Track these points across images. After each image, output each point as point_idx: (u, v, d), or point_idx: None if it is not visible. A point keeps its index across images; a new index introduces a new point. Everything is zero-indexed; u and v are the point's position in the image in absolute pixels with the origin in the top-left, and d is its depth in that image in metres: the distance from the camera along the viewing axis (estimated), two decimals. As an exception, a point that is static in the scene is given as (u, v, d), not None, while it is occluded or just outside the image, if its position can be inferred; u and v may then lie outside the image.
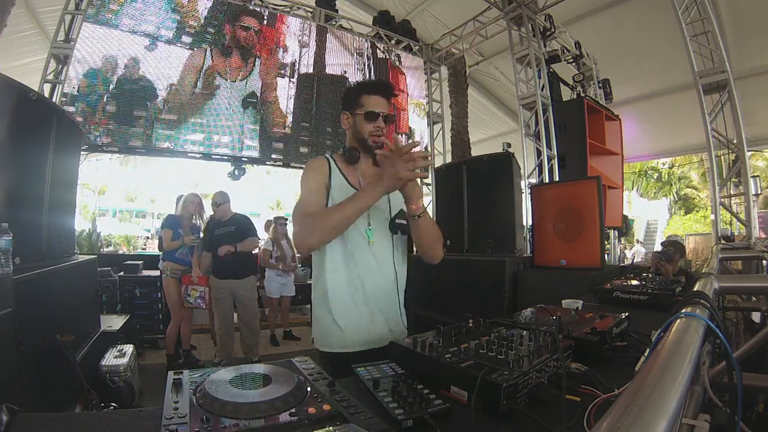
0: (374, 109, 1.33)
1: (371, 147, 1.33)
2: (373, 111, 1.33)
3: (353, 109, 1.36)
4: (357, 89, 1.39)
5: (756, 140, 6.69)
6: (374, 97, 1.35)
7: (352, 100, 1.37)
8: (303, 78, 6.00)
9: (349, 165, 1.38)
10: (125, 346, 2.74)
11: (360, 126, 1.35)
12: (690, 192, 17.13)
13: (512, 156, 3.69)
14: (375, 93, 1.36)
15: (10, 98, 1.74)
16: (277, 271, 4.89)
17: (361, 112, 1.34)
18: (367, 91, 1.36)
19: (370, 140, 1.34)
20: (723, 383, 0.73)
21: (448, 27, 7.00)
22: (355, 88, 1.40)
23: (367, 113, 1.34)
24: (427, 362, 0.82)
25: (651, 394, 0.36)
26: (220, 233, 3.63)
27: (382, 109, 1.35)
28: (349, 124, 1.39)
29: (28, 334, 1.52)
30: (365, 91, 1.36)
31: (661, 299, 1.51)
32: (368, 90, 1.37)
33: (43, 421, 0.68)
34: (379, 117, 1.34)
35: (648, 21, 5.85)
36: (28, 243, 1.79)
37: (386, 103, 1.37)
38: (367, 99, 1.35)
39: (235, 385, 0.67)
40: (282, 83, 5.83)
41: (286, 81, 5.89)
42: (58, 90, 4.32)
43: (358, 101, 1.36)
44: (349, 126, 1.39)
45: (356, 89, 1.39)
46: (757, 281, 1.13)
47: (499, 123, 9.35)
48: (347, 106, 1.38)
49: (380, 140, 1.32)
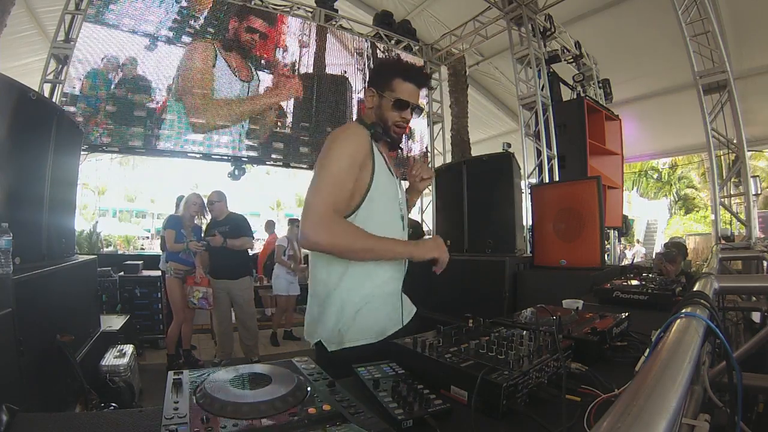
0: (406, 98, 1.22)
1: (394, 138, 1.25)
2: (403, 100, 1.21)
3: (382, 89, 1.23)
4: (391, 69, 1.24)
5: (756, 140, 6.69)
6: (408, 84, 1.22)
7: (383, 80, 1.23)
8: (303, 78, 6.00)
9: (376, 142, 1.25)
10: (125, 346, 2.73)
11: (385, 111, 1.23)
12: (690, 192, 17.13)
13: (512, 156, 3.69)
14: (411, 81, 1.23)
15: (10, 98, 1.74)
16: (287, 269, 4.93)
17: (390, 97, 1.21)
18: (403, 76, 1.22)
19: (392, 130, 1.24)
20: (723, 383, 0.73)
21: (448, 27, 7.00)
22: (389, 67, 1.25)
23: (396, 101, 1.21)
24: (427, 362, 0.82)
25: (651, 394, 0.36)
26: (215, 232, 3.64)
27: (414, 99, 1.23)
28: (373, 104, 1.25)
29: (28, 334, 1.51)
30: (401, 76, 1.22)
31: (661, 299, 1.51)
32: (405, 75, 1.22)
33: (43, 421, 0.68)
34: (408, 108, 1.22)
35: (648, 21, 5.85)
36: (28, 243, 1.79)
37: (418, 93, 1.26)
38: (400, 85, 1.21)
39: (235, 385, 0.67)
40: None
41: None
42: (58, 90, 4.32)
43: (389, 83, 1.22)
44: (372, 105, 1.25)
45: (390, 69, 1.24)
46: (757, 281, 1.13)
47: (499, 123, 9.35)
48: (376, 83, 1.24)
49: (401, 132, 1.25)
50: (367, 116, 1.27)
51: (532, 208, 3.54)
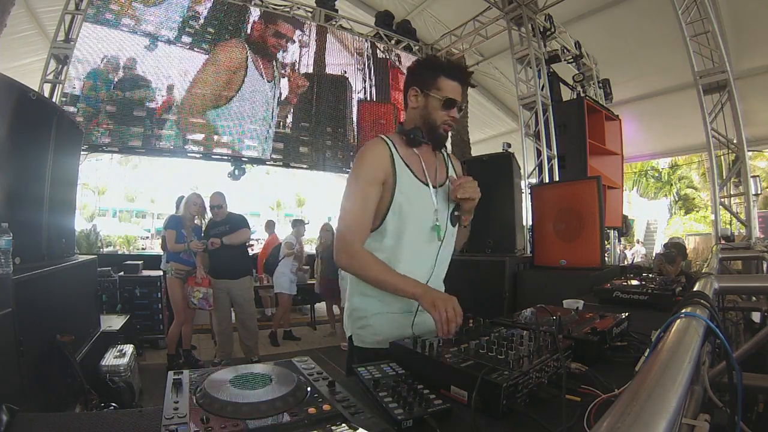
0: (454, 97, 1.21)
1: (441, 135, 1.24)
2: (452, 99, 1.20)
3: (428, 89, 1.21)
4: (436, 68, 1.22)
5: (756, 140, 6.68)
6: (454, 82, 1.21)
7: (428, 79, 1.22)
8: (303, 78, 6.02)
9: (409, 147, 1.24)
10: (125, 346, 2.73)
11: (433, 111, 1.22)
12: (690, 192, 17.13)
13: (512, 156, 3.69)
14: (455, 78, 1.21)
15: (10, 98, 1.74)
16: (291, 268, 4.94)
17: (439, 96, 1.20)
18: (447, 74, 1.21)
19: (441, 128, 1.23)
20: (723, 383, 0.73)
21: (448, 27, 7.00)
22: (433, 66, 1.24)
23: (446, 100, 1.20)
24: (427, 362, 0.83)
25: (651, 394, 0.36)
26: (215, 233, 3.64)
27: (458, 97, 1.22)
28: (419, 104, 1.24)
29: (28, 334, 1.51)
30: (446, 74, 1.21)
31: (661, 299, 1.51)
32: (449, 73, 1.21)
33: (43, 421, 0.68)
34: (455, 106, 1.22)
35: (648, 21, 5.85)
36: (28, 243, 1.78)
37: (461, 90, 1.24)
38: (445, 83, 1.20)
39: (235, 385, 0.67)
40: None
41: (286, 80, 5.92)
42: (58, 90, 4.32)
43: (435, 82, 1.20)
44: (418, 105, 1.24)
45: (435, 68, 1.23)
46: (757, 281, 1.13)
47: (499, 123, 9.34)
48: (420, 83, 1.23)
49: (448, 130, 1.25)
50: (410, 118, 1.27)
51: (532, 208, 3.54)
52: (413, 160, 1.24)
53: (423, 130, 1.23)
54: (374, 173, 1.17)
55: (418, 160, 1.24)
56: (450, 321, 0.96)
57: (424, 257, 1.23)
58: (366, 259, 1.14)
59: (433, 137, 1.23)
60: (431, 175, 1.25)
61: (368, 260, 1.14)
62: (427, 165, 1.25)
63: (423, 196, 1.22)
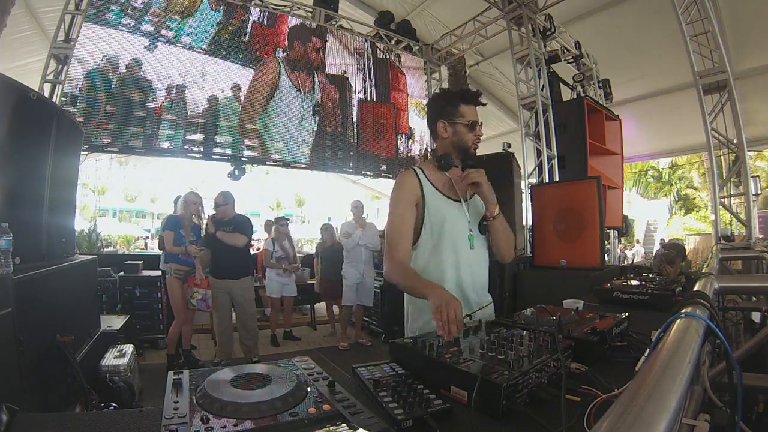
0: (475, 119, 1.41)
1: (473, 155, 1.42)
2: (474, 121, 1.40)
3: (453, 118, 1.40)
4: (455, 98, 1.42)
5: (756, 140, 6.68)
6: (470, 106, 1.41)
7: (451, 110, 1.41)
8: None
9: (440, 171, 1.42)
10: (125, 346, 2.73)
11: (463, 135, 1.40)
12: (690, 192, 17.13)
13: (512, 156, 3.69)
14: (471, 102, 1.41)
15: (10, 98, 1.74)
16: (278, 271, 4.89)
17: (464, 122, 1.39)
18: (465, 101, 1.41)
19: (472, 148, 1.41)
20: (723, 383, 0.73)
21: (448, 27, 7.00)
22: (452, 97, 1.43)
23: (471, 123, 1.40)
24: (427, 362, 0.83)
25: (651, 394, 0.36)
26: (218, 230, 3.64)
27: (479, 118, 1.43)
28: (449, 133, 1.42)
29: (28, 334, 1.51)
30: (464, 101, 1.41)
31: (661, 299, 1.51)
32: (466, 100, 1.41)
33: (43, 421, 0.68)
34: (478, 126, 1.42)
35: (648, 21, 5.85)
36: (28, 243, 1.79)
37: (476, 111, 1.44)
38: (465, 109, 1.40)
39: (235, 385, 0.67)
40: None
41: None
42: (58, 90, 4.32)
43: (457, 111, 1.40)
44: (448, 135, 1.42)
45: (454, 98, 1.42)
46: (757, 281, 1.13)
47: (499, 123, 9.34)
48: (445, 115, 1.41)
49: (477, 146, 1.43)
50: (441, 146, 1.45)
51: (532, 208, 3.54)
52: (444, 181, 1.44)
53: (456, 153, 1.41)
54: (406, 197, 1.38)
55: (449, 181, 1.44)
56: (450, 323, 0.96)
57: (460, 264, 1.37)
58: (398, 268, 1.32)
59: (466, 157, 1.41)
60: (461, 191, 1.43)
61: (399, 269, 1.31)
62: (457, 183, 1.43)
63: (452, 209, 1.41)
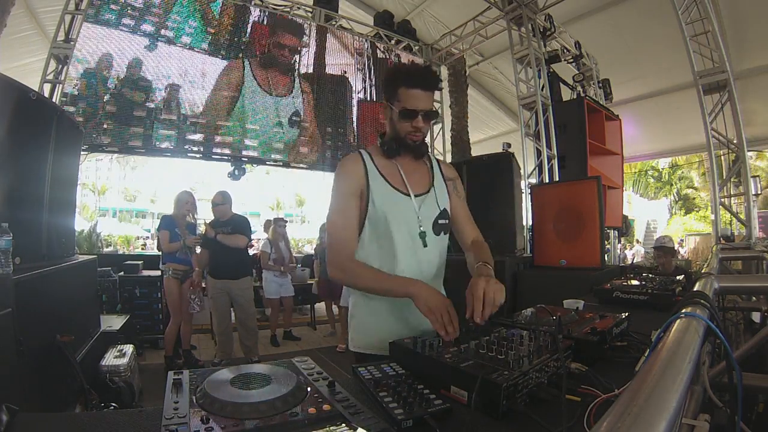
0: (412, 107, 1.16)
1: (410, 146, 1.22)
2: (409, 109, 1.16)
3: (391, 101, 1.20)
4: (395, 79, 1.19)
5: (756, 140, 6.68)
6: (414, 90, 1.16)
7: (390, 91, 1.20)
8: (303, 78, 6.01)
9: (388, 158, 1.25)
10: (125, 346, 2.73)
11: (397, 122, 1.20)
12: (690, 192, 17.14)
13: (512, 156, 3.69)
14: (415, 86, 1.15)
15: (10, 98, 1.74)
16: (275, 272, 4.89)
17: (398, 108, 1.18)
18: (407, 84, 1.16)
19: (407, 139, 1.21)
20: (723, 383, 0.73)
21: (448, 27, 7.00)
22: (393, 77, 1.20)
23: (404, 111, 1.17)
24: (427, 362, 0.83)
25: (651, 394, 0.36)
26: (216, 232, 3.63)
27: (423, 105, 1.16)
28: (387, 116, 1.25)
29: (28, 334, 1.51)
30: (405, 83, 1.16)
31: (661, 299, 1.51)
32: (407, 82, 1.16)
33: (43, 421, 0.68)
34: (418, 116, 1.17)
35: (648, 21, 5.85)
36: (28, 243, 1.78)
37: (428, 97, 1.18)
38: (405, 93, 1.16)
39: (235, 385, 0.67)
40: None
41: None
42: (58, 90, 4.32)
43: (396, 93, 1.18)
44: (386, 118, 1.25)
45: (395, 78, 1.19)
46: (757, 281, 1.13)
47: (499, 123, 9.35)
48: (387, 95, 1.22)
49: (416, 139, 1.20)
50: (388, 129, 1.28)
51: (532, 208, 3.54)
52: (391, 170, 1.25)
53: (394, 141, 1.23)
54: (349, 187, 1.20)
55: (397, 171, 1.25)
56: (447, 324, 0.95)
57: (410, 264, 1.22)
58: (356, 269, 1.16)
59: (403, 148, 1.23)
60: (412, 183, 1.24)
61: (358, 270, 1.16)
62: (408, 174, 1.25)
63: (402, 205, 1.22)
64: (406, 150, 1.24)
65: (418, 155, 1.28)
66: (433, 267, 1.28)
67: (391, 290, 1.11)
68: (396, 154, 1.24)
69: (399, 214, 1.22)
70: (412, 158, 1.27)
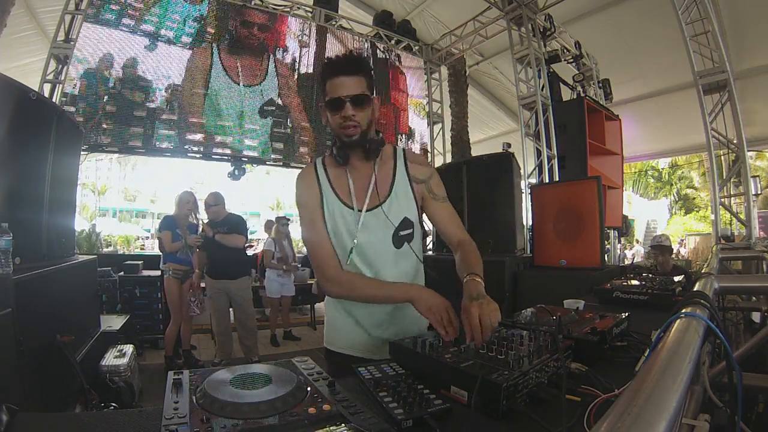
0: (337, 95, 1.05)
1: (346, 142, 1.10)
2: (334, 98, 1.06)
3: (323, 98, 1.11)
4: (322, 76, 1.10)
5: (756, 140, 6.68)
6: (336, 79, 1.06)
7: (322, 88, 1.10)
8: (303, 78, 6.00)
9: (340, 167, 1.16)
10: (125, 346, 2.73)
11: (330, 120, 1.10)
12: (690, 192, 17.14)
13: (512, 156, 3.69)
14: (336, 74, 1.06)
15: (10, 98, 1.74)
16: (278, 271, 4.89)
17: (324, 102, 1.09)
18: (328, 75, 1.07)
19: (342, 135, 1.09)
20: (723, 383, 0.73)
21: (448, 27, 7.00)
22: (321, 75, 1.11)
23: (329, 102, 1.07)
24: (427, 362, 0.83)
25: (651, 394, 0.36)
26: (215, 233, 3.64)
27: (348, 90, 1.05)
28: (325, 120, 1.14)
29: (28, 334, 1.51)
30: (326, 76, 1.08)
31: (661, 299, 1.51)
32: (328, 73, 1.07)
33: (43, 421, 0.68)
34: (345, 104, 1.05)
35: (648, 21, 5.85)
36: (28, 243, 1.78)
37: (356, 81, 1.06)
38: (330, 84, 1.07)
39: (235, 385, 0.67)
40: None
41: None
42: (58, 90, 4.32)
43: (324, 89, 1.09)
44: (326, 121, 1.13)
45: (321, 76, 1.10)
46: (757, 281, 1.13)
47: (499, 123, 9.35)
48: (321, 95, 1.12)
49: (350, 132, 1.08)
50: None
51: (532, 208, 3.54)
52: (341, 181, 1.16)
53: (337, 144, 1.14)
54: (307, 200, 1.16)
55: (346, 181, 1.15)
56: (448, 324, 0.95)
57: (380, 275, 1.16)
58: (352, 281, 1.13)
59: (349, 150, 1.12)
60: (361, 194, 1.15)
61: (355, 281, 1.13)
62: (357, 183, 1.15)
63: (346, 219, 1.15)
64: (351, 151, 1.13)
65: (368, 155, 1.13)
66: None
67: (393, 296, 1.09)
68: (345, 160, 1.13)
69: (344, 229, 1.15)
70: (364, 161, 1.15)
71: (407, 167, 1.20)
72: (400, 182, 1.18)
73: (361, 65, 1.09)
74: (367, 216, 1.14)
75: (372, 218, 1.14)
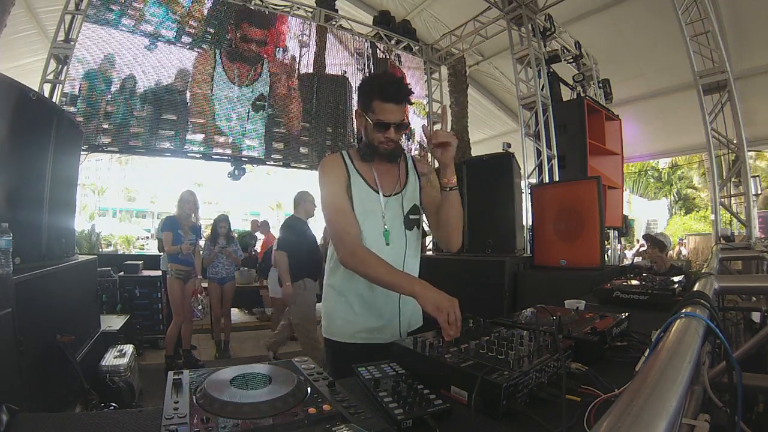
0: (386, 119, 1.24)
1: (382, 154, 1.30)
2: (383, 122, 1.25)
3: (366, 111, 1.28)
4: (370, 91, 1.27)
5: (756, 140, 6.68)
6: (387, 104, 1.24)
7: (365, 102, 1.28)
8: (303, 78, 6.00)
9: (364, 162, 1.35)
10: (125, 346, 2.73)
11: (370, 132, 1.28)
12: (690, 192, 17.13)
13: (512, 156, 3.69)
14: (388, 100, 1.24)
15: (10, 98, 1.74)
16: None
17: (372, 119, 1.26)
18: (380, 97, 1.24)
19: (380, 148, 1.29)
20: (723, 383, 0.73)
21: (448, 27, 7.00)
22: (368, 90, 1.28)
23: (377, 123, 1.25)
24: (427, 362, 0.83)
25: (651, 394, 0.36)
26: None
27: (395, 117, 1.25)
28: (361, 125, 1.33)
29: (28, 334, 1.51)
30: (378, 96, 1.24)
31: (661, 299, 1.51)
32: (380, 95, 1.24)
33: (43, 421, 0.68)
34: (390, 128, 1.25)
35: (648, 21, 5.85)
36: (28, 243, 1.79)
37: (400, 109, 1.27)
38: (379, 106, 1.24)
39: (236, 385, 0.67)
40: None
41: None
42: (58, 90, 4.32)
43: (370, 105, 1.26)
44: (361, 125, 1.33)
45: (370, 90, 1.27)
46: (757, 281, 1.13)
47: (499, 123, 9.34)
48: (361, 104, 1.30)
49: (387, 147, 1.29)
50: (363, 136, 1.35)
51: (532, 208, 3.54)
52: (366, 170, 1.35)
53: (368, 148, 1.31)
54: (337, 181, 1.31)
55: (371, 172, 1.35)
56: (453, 323, 0.96)
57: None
58: (366, 257, 1.20)
59: (377, 155, 1.31)
60: (383, 184, 1.35)
61: (368, 258, 1.20)
62: (380, 175, 1.35)
63: (373, 201, 1.33)
64: (379, 157, 1.32)
65: (392, 160, 1.35)
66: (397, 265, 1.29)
67: (399, 285, 1.14)
68: (371, 159, 1.33)
69: (371, 211, 1.32)
70: (386, 162, 1.35)
71: (416, 166, 1.47)
72: (411, 175, 1.43)
73: (408, 96, 1.28)
74: (390, 200, 1.35)
75: (393, 202, 1.36)
